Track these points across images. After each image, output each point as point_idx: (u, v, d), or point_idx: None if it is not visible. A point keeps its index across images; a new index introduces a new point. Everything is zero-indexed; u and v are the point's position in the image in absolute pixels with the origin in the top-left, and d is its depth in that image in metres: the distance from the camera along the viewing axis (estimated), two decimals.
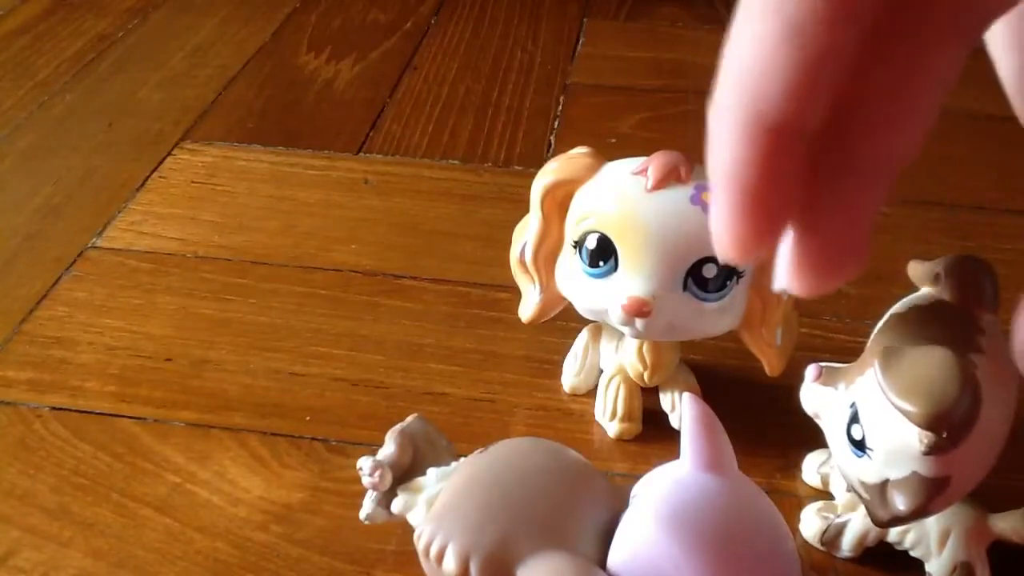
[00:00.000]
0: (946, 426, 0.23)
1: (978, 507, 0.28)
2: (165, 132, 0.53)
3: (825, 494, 0.31)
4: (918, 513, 0.25)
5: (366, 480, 0.26)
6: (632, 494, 0.25)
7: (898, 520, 0.25)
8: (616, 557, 0.23)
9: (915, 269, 0.28)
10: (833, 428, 0.27)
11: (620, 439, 0.34)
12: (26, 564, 0.30)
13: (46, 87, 0.58)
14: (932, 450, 0.23)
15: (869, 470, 0.25)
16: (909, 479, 0.24)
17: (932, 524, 0.28)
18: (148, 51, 0.62)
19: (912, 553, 0.29)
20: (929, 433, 0.23)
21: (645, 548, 0.23)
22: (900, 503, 0.25)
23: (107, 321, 0.39)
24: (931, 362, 0.23)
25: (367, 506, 0.27)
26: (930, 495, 0.24)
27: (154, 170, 0.50)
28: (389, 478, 0.26)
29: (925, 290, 0.27)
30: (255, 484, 0.32)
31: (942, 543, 0.28)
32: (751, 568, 0.23)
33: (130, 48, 0.63)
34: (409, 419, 0.28)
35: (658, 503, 0.23)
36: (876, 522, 0.26)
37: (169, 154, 0.51)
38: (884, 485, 0.25)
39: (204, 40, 0.64)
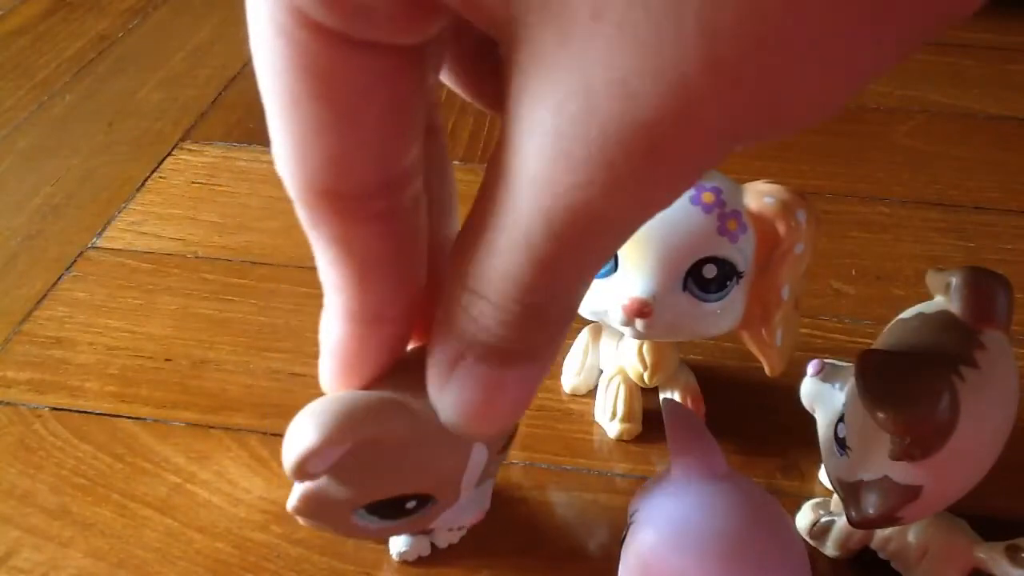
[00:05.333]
0: (914, 434, 0.23)
1: (963, 530, 0.28)
2: (165, 132, 0.53)
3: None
4: (887, 518, 0.25)
5: None
6: (630, 512, 0.25)
7: (868, 523, 0.25)
8: None
9: (931, 278, 0.27)
10: (823, 424, 0.27)
11: (620, 439, 0.34)
12: (26, 564, 0.30)
13: (46, 87, 0.58)
14: (899, 456, 0.23)
15: (847, 469, 0.26)
16: (880, 483, 0.24)
17: (912, 537, 0.28)
18: (148, 51, 0.62)
19: (892, 564, 0.29)
20: (896, 438, 0.23)
21: (653, 567, 0.23)
22: (869, 505, 0.25)
23: (107, 321, 0.39)
24: (906, 369, 0.23)
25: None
26: (900, 502, 0.24)
27: (154, 170, 0.50)
28: None
29: (938, 299, 0.27)
30: (255, 484, 0.32)
31: (919, 558, 0.28)
32: (761, 565, 0.23)
33: (130, 48, 0.63)
34: None
35: (657, 521, 0.23)
36: (850, 522, 0.26)
37: (169, 154, 0.51)
38: (858, 485, 0.25)
39: (204, 40, 0.64)
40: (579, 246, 0.13)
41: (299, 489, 0.20)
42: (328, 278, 0.16)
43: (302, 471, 0.18)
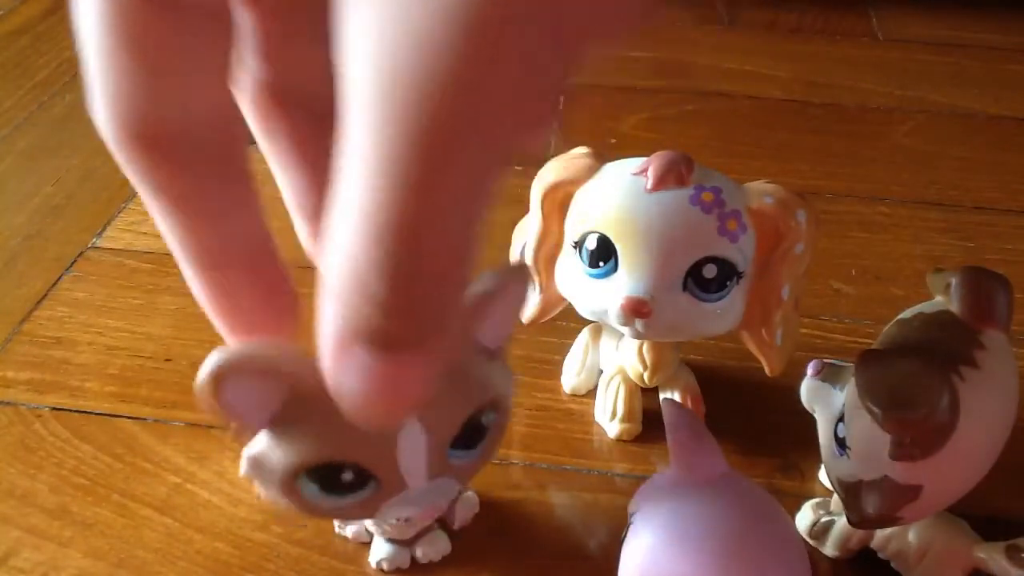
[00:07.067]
0: (914, 434, 0.23)
1: (963, 530, 0.28)
2: None
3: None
4: (887, 518, 0.25)
5: None
6: (629, 512, 0.25)
7: (868, 522, 0.25)
8: None
9: (931, 278, 0.27)
10: (823, 424, 0.27)
11: (620, 439, 0.34)
12: (26, 564, 0.30)
13: (46, 87, 0.58)
14: (899, 456, 0.23)
15: (847, 469, 0.26)
16: (880, 483, 0.24)
17: (913, 538, 0.28)
18: None
19: (892, 564, 0.29)
20: (896, 438, 0.23)
21: (653, 567, 0.23)
22: (869, 505, 0.25)
23: (107, 321, 0.39)
24: (906, 369, 0.23)
25: None
26: (899, 502, 0.24)
27: None
28: None
29: (938, 299, 0.27)
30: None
31: (919, 558, 0.28)
32: (761, 565, 0.23)
33: None
34: None
35: (657, 521, 0.23)
36: (850, 522, 0.26)
37: None
38: (858, 485, 0.25)
39: None
40: (429, 177, 0.12)
41: (246, 450, 0.21)
42: (164, 231, 0.17)
43: (210, 398, 0.18)
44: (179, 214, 0.17)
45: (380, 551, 0.29)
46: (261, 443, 0.20)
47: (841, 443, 0.26)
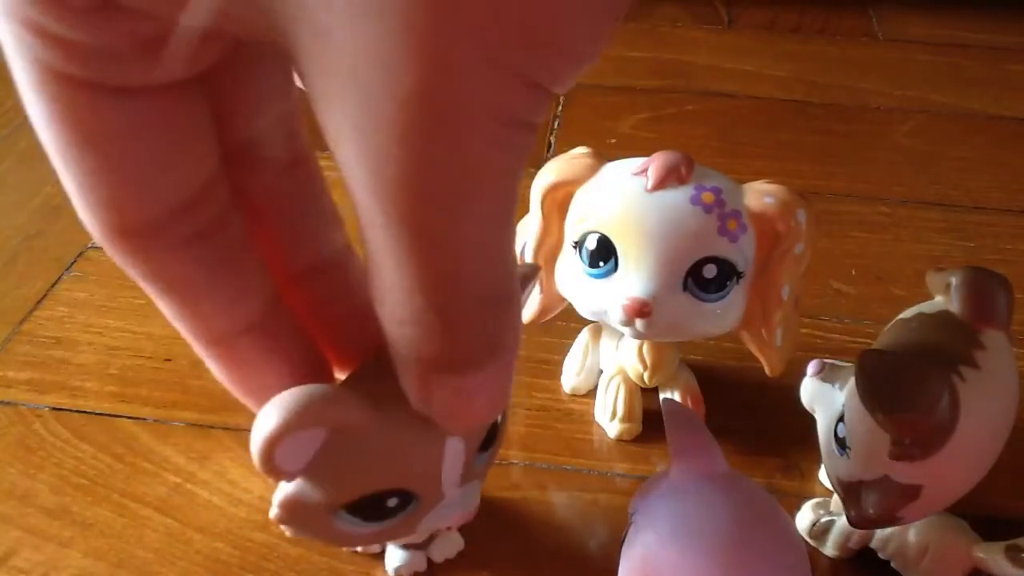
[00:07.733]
0: (914, 434, 0.23)
1: (963, 530, 0.28)
2: None
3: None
4: (887, 518, 0.25)
5: None
6: (630, 512, 0.25)
7: (869, 523, 0.25)
8: None
9: (931, 278, 0.27)
10: (823, 424, 0.27)
11: (620, 439, 0.34)
12: (26, 564, 0.30)
13: None
14: (899, 456, 0.23)
15: (847, 469, 0.26)
16: (880, 483, 0.24)
17: (912, 537, 0.28)
18: None
19: (892, 564, 0.29)
20: (896, 438, 0.23)
21: (653, 566, 0.23)
22: (869, 505, 0.25)
23: (107, 321, 0.39)
24: (906, 369, 0.23)
25: None
26: (899, 502, 0.24)
27: None
28: None
29: (938, 299, 0.27)
30: (255, 484, 0.32)
31: (919, 558, 0.28)
32: (760, 564, 0.23)
33: None
34: None
35: (657, 521, 0.23)
36: (850, 522, 0.26)
37: None
38: (858, 485, 0.25)
39: None
40: (434, 233, 0.13)
41: (279, 496, 0.20)
42: (163, 310, 0.17)
43: (269, 462, 0.18)
44: (174, 296, 0.16)
45: (396, 558, 0.29)
46: (295, 486, 0.20)
47: (841, 443, 0.26)
